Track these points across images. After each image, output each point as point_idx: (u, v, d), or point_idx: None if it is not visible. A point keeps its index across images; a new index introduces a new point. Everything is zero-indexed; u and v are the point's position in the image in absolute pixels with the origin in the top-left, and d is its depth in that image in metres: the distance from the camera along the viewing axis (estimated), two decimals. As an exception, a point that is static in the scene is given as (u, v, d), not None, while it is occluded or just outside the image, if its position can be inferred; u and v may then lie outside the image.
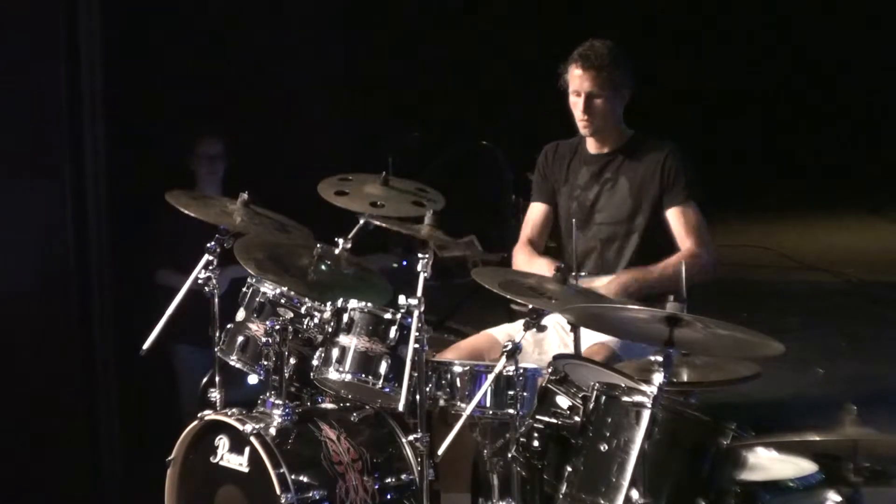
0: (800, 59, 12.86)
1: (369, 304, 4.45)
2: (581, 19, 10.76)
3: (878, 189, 11.46)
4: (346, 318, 4.44)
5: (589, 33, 5.00)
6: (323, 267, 4.77)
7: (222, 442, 4.46)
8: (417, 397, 4.23)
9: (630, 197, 4.88)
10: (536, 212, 5.12)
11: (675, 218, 4.83)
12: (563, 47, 4.99)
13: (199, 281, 4.69)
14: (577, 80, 4.87)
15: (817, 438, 3.44)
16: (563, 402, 3.98)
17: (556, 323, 4.67)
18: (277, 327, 4.50)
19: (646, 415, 3.55)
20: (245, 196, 4.81)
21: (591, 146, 5.00)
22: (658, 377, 3.57)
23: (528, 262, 4.94)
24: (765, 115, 12.83)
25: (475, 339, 4.90)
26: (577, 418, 3.86)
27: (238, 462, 4.41)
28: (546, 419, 3.96)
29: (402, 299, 4.30)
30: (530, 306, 4.14)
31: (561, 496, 3.75)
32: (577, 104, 4.88)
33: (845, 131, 12.57)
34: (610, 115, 4.89)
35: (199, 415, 4.58)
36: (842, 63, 12.72)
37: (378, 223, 4.56)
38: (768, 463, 3.82)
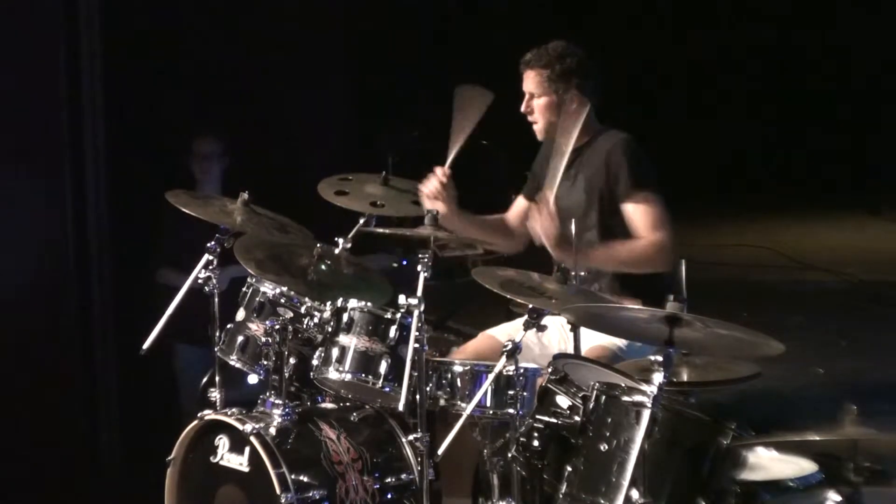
0: (800, 58, 12.86)
1: (369, 304, 4.44)
2: (581, 19, 10.77)
3: (878, 189, 11.46)
4: (345, 317, 4.43)
5: (591, 31, 4.98)
6: (323, 267, 4.77)
7: (222, 442, 4.46)
8: (417, 397, 4.24)
9: (584, 192, 4.80)
10: (518, 204, 5.15)
11: (629, 212, 4.73)
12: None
13: (199, 280, 4.69)
14: (523, 82, 4.91)
15: (817, 438, 3.44)
16: (563, 401, 3.98)
17: (557, 321, 4.67)
18: (277, 327, 4.50)
19: (646, 414, 3.56)
20: (245, 196, 4.82)
21: None
22: (658, 377, 3.57)
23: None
24: (765, 114, 12.83)
25: (476, 343, 4.89)
26: (577, 418, 3.86)
27: (238, 462, 4.41)
28: (546, 419, 3.96)
29: (402, 299, 4.30)
30: (530, 306, 4.15)
31: (561, 496, 3.75)
32: (522, 105, 4.91)
33: (846, 130, 12.57)
34: (553, 118, 4.83)
35: (199, 415, 4.58)
36: (842, 62, 12.73)
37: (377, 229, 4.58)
38: (768, 463, 3.82)
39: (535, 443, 3.92)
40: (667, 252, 4.69)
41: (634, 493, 3.55)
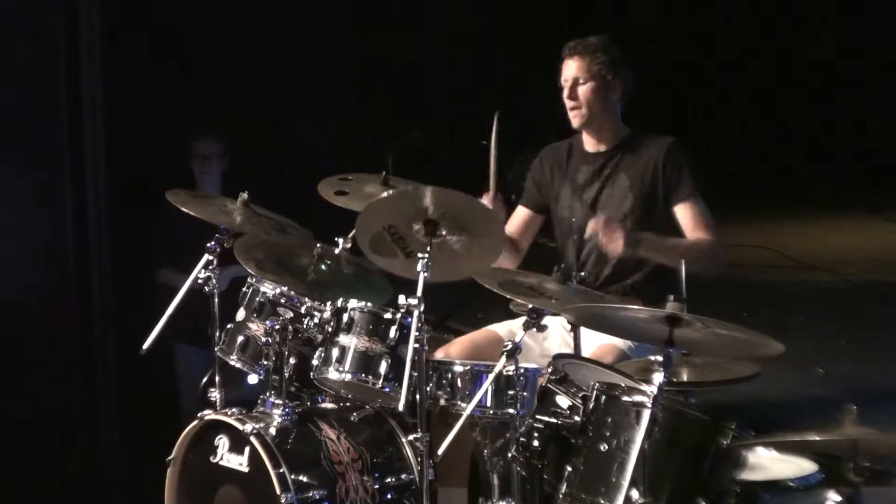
0: (799, 59, 12.86)
1: (369, 304, 4.45)
2: (581, 19, 10.76)
3: (878, 189, 11.45)
4: (346, 317, 4.44)
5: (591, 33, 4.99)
6: (323, 267, 4.77)
7: (222, 442, 4.46)
8: (417, 397, 4.23)
9: (630, 192, 4.83)
10: (518, 214, 5.13)
11: (683, 213, 4.77)
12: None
13: (199, 280, 4.69)
14: (564, 69, 4.88)
15: (817, 438, 3.43)
16: (563, 402, 3.99)
17: (557, 322, 4.67)
18: (277, 327, 4.50)
19: (646, 414, 3.56)
20: (245, 196, 4.82)
21: (589, 144, 4.96)
22: (658, 377, 3.57)
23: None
24: (764, 114, 12.83)
25: (475, 334, 4.90)
26: (577, 418, 3.87)
27: (238, 462, 4.41)
28: (546, 419, 3.96)
29: (402, 299, 4.30)
30: (530, 306, 4.14)
31: (561, 496, 3.75)
32: (565, 92, 4.88)
33: (845, 130, 12.57)
34: (598, 104, 4.84)
35: (199, 415, 4.58)
36: (841, 62, 12.73)
37: None
38: (768, 463, 3.82)
39: (535, 443, 3.92)
40: (722, 253, 4.77)
41: (634, 493, 3.55)
